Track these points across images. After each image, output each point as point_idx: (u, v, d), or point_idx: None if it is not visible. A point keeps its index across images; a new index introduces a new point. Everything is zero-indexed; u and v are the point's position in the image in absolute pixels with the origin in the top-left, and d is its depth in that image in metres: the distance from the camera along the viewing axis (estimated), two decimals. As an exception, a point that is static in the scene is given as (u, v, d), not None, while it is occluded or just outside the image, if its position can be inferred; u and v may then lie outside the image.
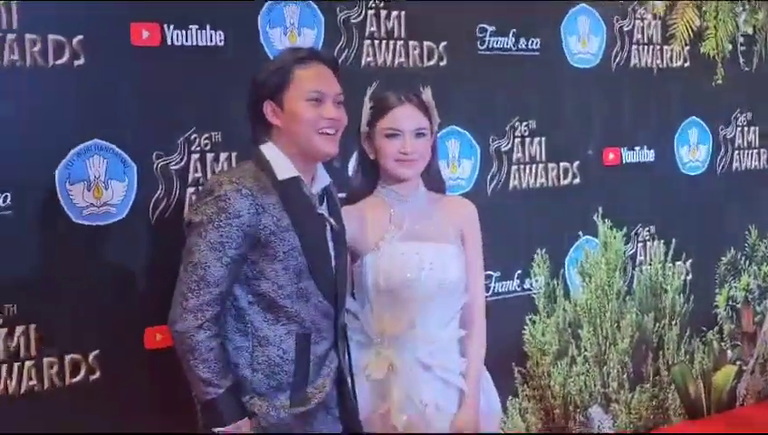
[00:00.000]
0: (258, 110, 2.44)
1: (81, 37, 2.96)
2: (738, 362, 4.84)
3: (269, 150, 2.44)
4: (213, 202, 2.31)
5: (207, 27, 3.20)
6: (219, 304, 2.32)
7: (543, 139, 4.10)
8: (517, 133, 4.03)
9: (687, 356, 4.65)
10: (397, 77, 3.57)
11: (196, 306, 2.29)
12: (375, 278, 2.67)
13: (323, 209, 2.48)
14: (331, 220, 2.49)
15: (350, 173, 3.02)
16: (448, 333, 2.73)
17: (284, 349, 2.38)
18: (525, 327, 4.11)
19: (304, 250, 2.37)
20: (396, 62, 3.67)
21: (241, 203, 2.30)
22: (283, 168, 2.41)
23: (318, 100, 2.41)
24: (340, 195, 2.70)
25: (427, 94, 2.77)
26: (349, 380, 2.54)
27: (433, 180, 2.82)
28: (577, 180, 4.22)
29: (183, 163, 3.15)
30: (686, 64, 4.56)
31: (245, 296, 2.37)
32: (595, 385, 4.30)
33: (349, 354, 2.56)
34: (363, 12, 3.58)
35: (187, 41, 3.16)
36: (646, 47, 4.42)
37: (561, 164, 4.17)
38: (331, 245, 2.47)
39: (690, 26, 4.56)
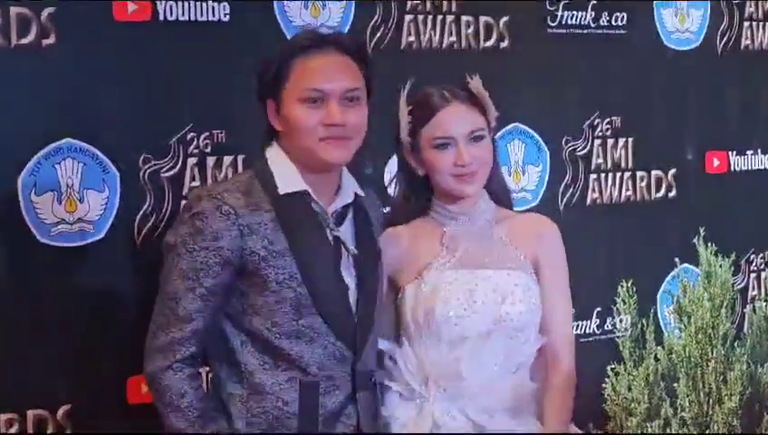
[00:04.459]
0: (264, 108, 2.50)
1: (51, 10, 2.97)
2: None
3: (274, 157, 2.49)
4: (189, 221, 2.39)
5: (209, -2, 3.21)
6: (194, 344, 2.38)
7: (630, 140, 4.09)
8: (597, 133, 4.02)
9: (813, 418, 4.61)
10: (445, 62, 3.57)
11: (164, 345, 2.37)
12: (413, 314, 2.68)
13: (340, 231, 2.50)
14: (347, 244, 2.50)
15: (385, 182, 3.01)
16: (512, 385, 2.71)
17: (285, 400, 2.42)
18: (606, 380, 4.08)
19: (305, 280, 2.41)
20: (445, 42, 3.68)
21: (220, 223, 2.36)
22: (288, 180, 2.45)
23: (318, 100, 2.43)
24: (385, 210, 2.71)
25: (475, 84, 2.76)
26: None
27: (496, 190, 2.81)
28: (672, 193, 4.21)
29: (177, 169, 3.16)
30: (813, 46, 4.55)
31: (237, 335, 2.44)
32: (695, 454, 4.26)
33: (377, 409, 2.58)
34: (404, -21, 3.60)
35: (183, 15, 3.17)
36: (761, 24, 4.41)
37: (653, 172, 4.16)
38: (348, 273, 2.50)
39: (818, -3, 4.54)
